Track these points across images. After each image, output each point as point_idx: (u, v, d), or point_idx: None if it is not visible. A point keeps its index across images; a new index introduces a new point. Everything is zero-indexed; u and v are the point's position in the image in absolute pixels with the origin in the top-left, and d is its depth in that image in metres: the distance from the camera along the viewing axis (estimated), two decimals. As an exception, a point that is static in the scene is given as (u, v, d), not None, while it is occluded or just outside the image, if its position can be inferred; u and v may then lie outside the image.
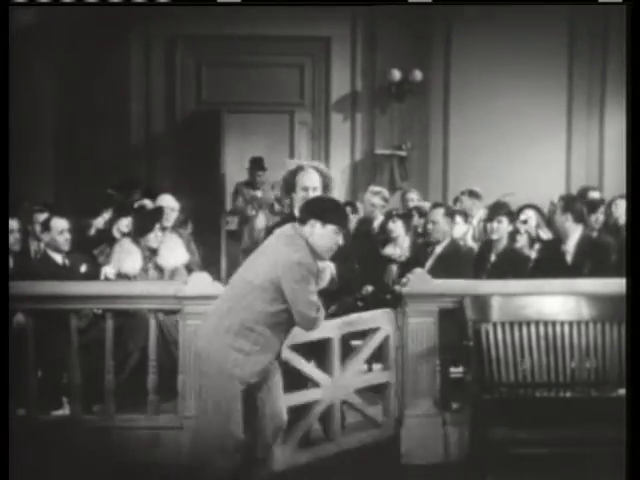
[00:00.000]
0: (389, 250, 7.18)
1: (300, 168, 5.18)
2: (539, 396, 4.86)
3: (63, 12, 9.04)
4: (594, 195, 8.62)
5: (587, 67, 10.71)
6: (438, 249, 6.64)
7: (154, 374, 5.18)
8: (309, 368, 5.02)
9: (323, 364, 5.06)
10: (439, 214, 6.71)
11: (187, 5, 8.38)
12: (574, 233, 6.15)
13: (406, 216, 7.61)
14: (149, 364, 5.21)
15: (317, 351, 5.07)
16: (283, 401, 4.32)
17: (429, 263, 6.54)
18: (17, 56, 5.63)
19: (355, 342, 5.31)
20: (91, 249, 6.80)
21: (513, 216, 6.84)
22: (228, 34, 10.25)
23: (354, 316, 5.26)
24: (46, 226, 6.23)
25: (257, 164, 9.65)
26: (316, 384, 5.00)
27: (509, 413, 4.57)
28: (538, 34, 10.44)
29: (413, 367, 5.08)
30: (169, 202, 7.52)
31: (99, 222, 7.72)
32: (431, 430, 5.08)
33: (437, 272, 5.80)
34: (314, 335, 4.69)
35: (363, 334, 5.24)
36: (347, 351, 5.21)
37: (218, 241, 9.28)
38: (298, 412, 4.99)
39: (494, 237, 6.54)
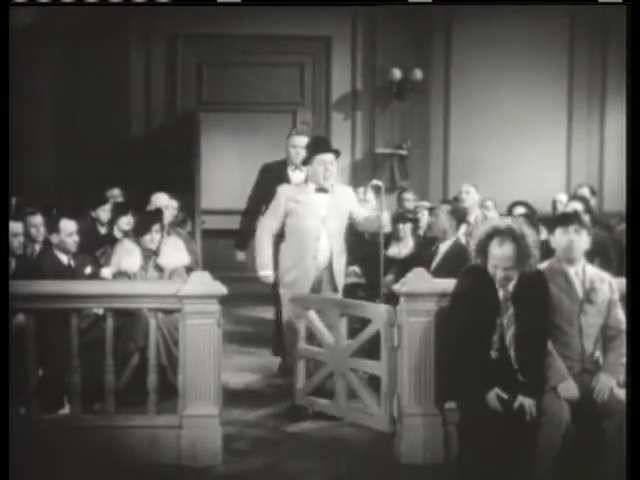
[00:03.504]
0: (394, 250, 7.18)
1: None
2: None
3: (63, 12, 9.06)
4: (584, 192, 8.64)
5: (587, 66, 10.72)
6: (443, 248, 6.52)
7: (154, 373, 5.18)
8: (322, 328, 5.58)
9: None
10: (443, 210, 6.58)
11: (187, 5, 8.38)
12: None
13: (416, 220, 7.61)
14: (149, 364, 5.21)
15: None
16: None
17: (435, 262, 6.47)
18: (17, 56, 5.64)
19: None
20: (94, 251, 6.80)
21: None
22: (229, 33, 10.27)
23: (357, 301, 5.69)
24: (55, 227, 6.23)
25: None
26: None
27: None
28: (538, 33, 10.46)
29: (411, 366, 5.07)
30: (164, 200, 7.51)
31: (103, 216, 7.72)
32: (431, 430, 5.08)
33: (443, 272, 5.79)
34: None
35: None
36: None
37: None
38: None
39: None
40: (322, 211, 5.88)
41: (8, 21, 4.56)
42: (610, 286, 4.63)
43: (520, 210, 7.51)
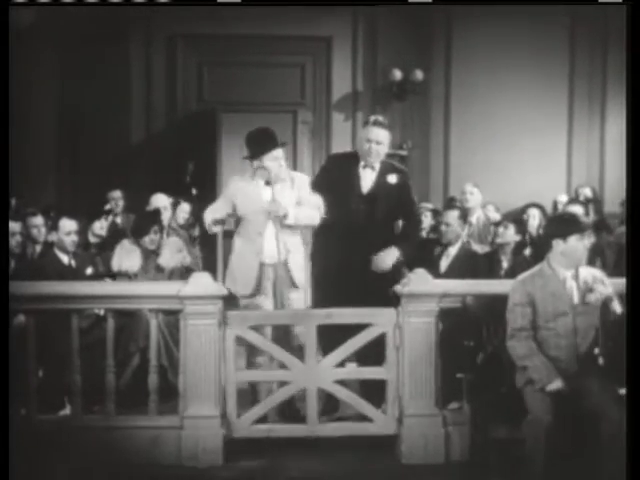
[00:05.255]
0: None
1: None
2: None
3: (63, 12, 9.06)
4: (586, 192, 8.65)
5: (588, 66, 10.72)
6: (452, 251, 6.61)
7: (155, 374, 5.18)
8: (277, 350, 5.17)
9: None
10: (453, 216, 6.65)
11: (187, 5, 8.38)
12: None
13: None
14: (150, 364, 5.21)
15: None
16: None
17: (446, 265, 6.54)
18: (17, 56, 5.64)
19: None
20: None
21: (522, 225, 6.78)
22: (229, 34, 10.26)
23: (346, 310, 5.26)
24: (54, 226, 6.27)
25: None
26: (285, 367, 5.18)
27: (510, 413, 4.56)
28: (539, 34, 10.46)
29: (413, 367, 5.08)
30: (162, 201, 7.52)
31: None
32: (432, 430, 5.08)
33: (455, 273, 5.80)
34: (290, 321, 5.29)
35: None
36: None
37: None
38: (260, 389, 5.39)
39: (498, 241, 6.51)
40: (266, 204, 5.42)
41: (8, 21, 4.57)
42: (603, 283, 4.66)
43: (533, 212, 7.56)
